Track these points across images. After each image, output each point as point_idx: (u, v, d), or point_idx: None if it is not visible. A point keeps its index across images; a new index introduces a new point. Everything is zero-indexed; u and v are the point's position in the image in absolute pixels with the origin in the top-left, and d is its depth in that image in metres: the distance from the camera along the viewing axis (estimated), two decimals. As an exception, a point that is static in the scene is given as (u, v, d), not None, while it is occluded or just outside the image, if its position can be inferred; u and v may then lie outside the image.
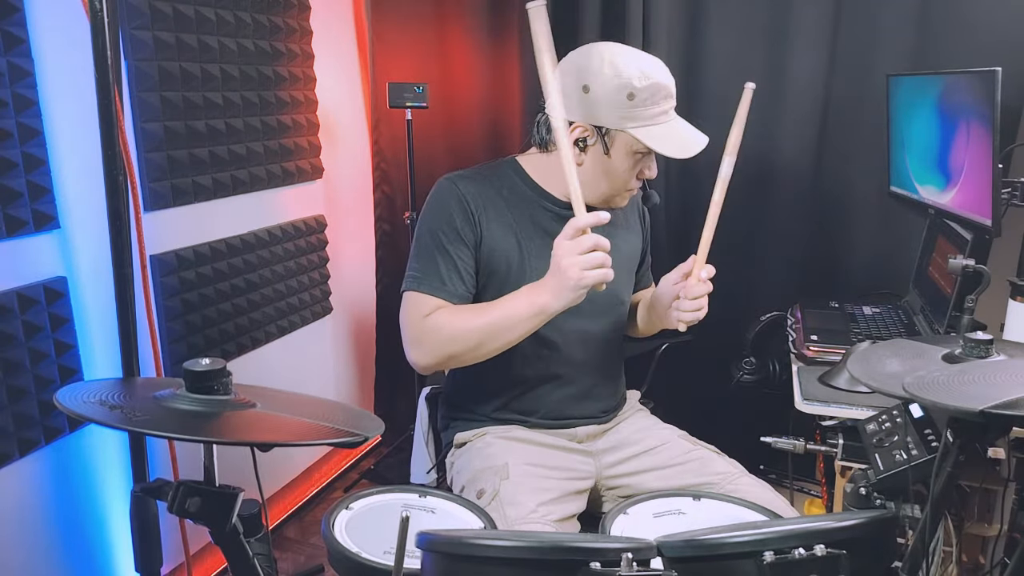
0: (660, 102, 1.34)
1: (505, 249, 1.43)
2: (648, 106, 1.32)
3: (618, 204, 1.47)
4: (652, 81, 1.32)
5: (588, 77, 1.33)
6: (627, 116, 1.33)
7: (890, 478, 1.07)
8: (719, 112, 2.26)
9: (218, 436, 0.95)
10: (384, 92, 2.44)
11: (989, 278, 1.51)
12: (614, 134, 1.35)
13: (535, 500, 1.31)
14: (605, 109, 1.33)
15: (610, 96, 1.31)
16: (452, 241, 1.39)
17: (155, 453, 1.73)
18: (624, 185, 1.42)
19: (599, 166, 1.38)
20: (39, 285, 1.59)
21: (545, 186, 1.47)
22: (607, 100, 1.32)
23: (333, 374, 2.71)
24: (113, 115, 1.37)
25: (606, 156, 1.37)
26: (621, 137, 1.35)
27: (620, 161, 1.37)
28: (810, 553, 0.79)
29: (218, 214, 2.09)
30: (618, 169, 1.38)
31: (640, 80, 1.31)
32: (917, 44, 2.03)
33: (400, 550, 0.84)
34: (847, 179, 2.20)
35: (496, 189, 1.45)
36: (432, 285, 1.38)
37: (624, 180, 1.41)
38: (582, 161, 1.38)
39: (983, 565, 1.63)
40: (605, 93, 1.32)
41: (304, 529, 2.42)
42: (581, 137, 1.36)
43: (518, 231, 1.44)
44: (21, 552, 1.62)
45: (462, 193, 1.42)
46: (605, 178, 1.40)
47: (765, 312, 2.13)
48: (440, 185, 1.45)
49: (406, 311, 1.41)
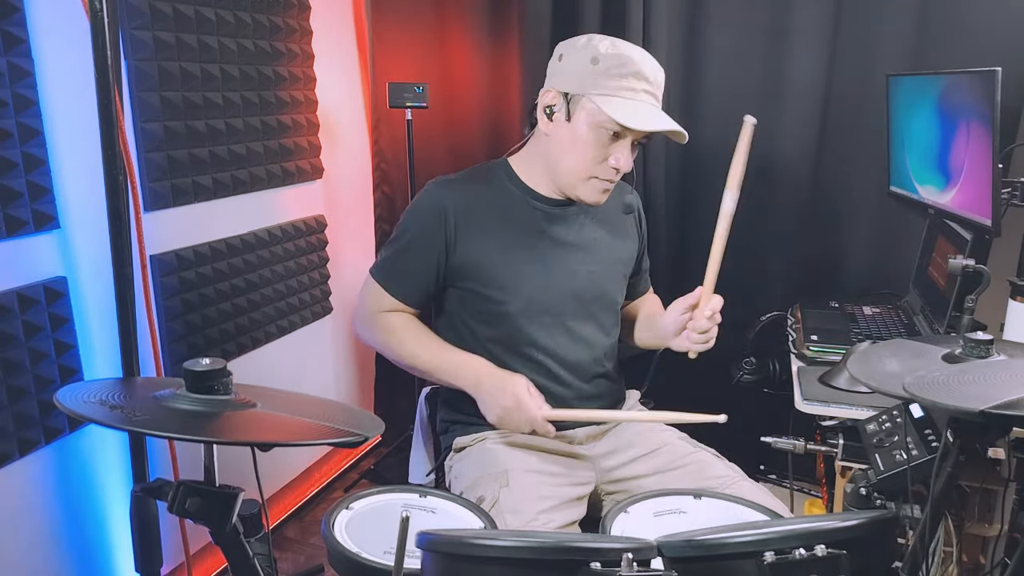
0: (628, 77, 1.34)
1: (487, 253, 1.45)
2: (613, 77, 1.34)
3: (589, 196, 1.44)
4: (620, 52, 1.35)
5: (565, 48, 1.41)
6: (590, 82, 1.35)
7: (890, 478, 1.07)
8: (719, 112, 2.27)
9: (218, 436, 0.95)
10: (384, 92, 2.44)
11: (989, 278, 1.51)
12: (577, 99, 1.37)
13: (535, 508, 1.31)
14: (570, 74, 1.38)
15: (576, 61, 1.37)
16: (417, 247, 1.46)
17: (155, 453, 1.73)
18: (589, 166, 1.39)
19: (565, 138, 1.40)
20: (39, 285, 1.59)
21: (532, 184, 1.49)
22: (573, 65, 1.37)
23: (333, 374, 2.71)
24: (113, 115, 1.37)
25: (567, 122, 1.38)
26: (583, 103, 1.36)
27: (583, 131, 1.37)
28: (810, 553, 0.79)
29: (218, 214, 2.09)
30: (582, 142, 1.37)
31: (608, 49, 1.35)
32: (917, 44, 2.03)
33: (400, 550, 0.84)
34: (847, 179, 2.20)
35: (483, 191, 1.48)
36: (390, 281, 1.49)
37: (589, 158, 1.38)
38: (549, 131, 1.42)
39: (983, 565, 1.63)
40: (573, 58, 1.38)
41: (304, 529, 2.42)
42: (550, 104, 1.40)
43: (504, 234, 1.46)
44: (21, 552, 1.62)
45: (444, 201, 1.45)
46: (572, 152, 1.40)
47: (765, 312, 2.13)
48: (426, 189, 1.49)
49: (364, 292, 1.53)
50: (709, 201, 2.34)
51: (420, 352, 1.47)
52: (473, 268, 1.45)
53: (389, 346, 1.49)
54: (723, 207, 1.38)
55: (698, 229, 2.40)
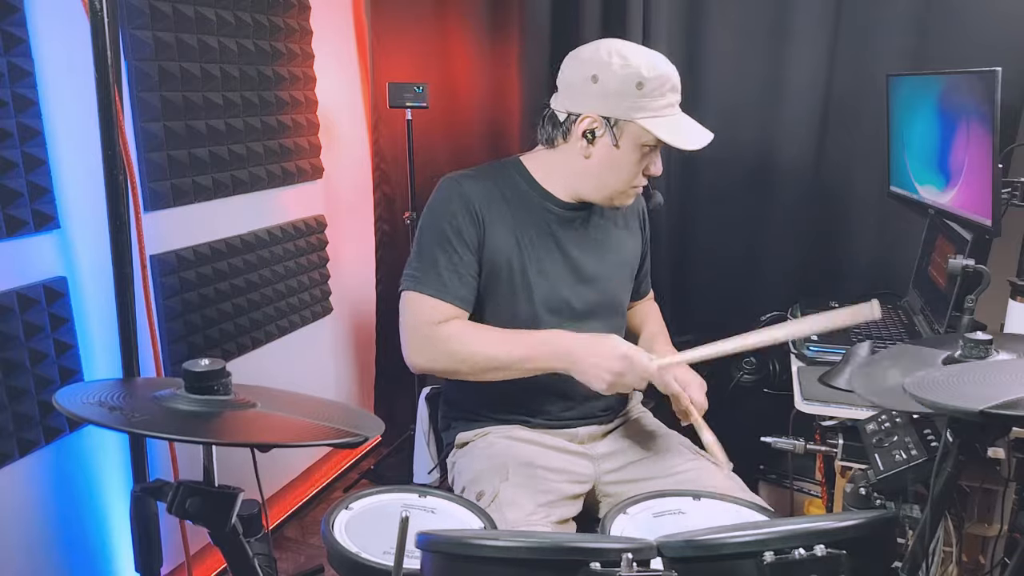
0: (667, 94, 1.35)
1: (506, 250, 1.43)
2: (656, 97, 1.34)
3: (623, 202, 1.46)
4: (660, 72, 1.34)
5: (596, 68, 1.34)
6: (636, 106, 1.33)
7: (890, 478, 1.07)
8: (719, 112, 2.27)
9: (218, 436, 0.95)
10: (384, 92, 2.44)
11: (989, 278, 1.50)
12: (623, 125, 1.35)
13: (534, 502, 1.31)
14: (614, 99, 1.34)
15: (619, 85, 1.33)
16: (454, 241, 1.39)
17: (155, 453, 1.73)
18: (630, 181, 1.42)
19: (607, 159, 1.39)
20: (39, 285, 1.59)
21: (547, 186, 1.47)
22: (616, 90, 1.33)
23: (333, 374, 2.71)
24: (113, 115, 1.37)
25: (615, 148, 1.37)
26: (630, 128, 1.35)
27: (628, 154, 1.37)
28: (810, 553, 0.79)
29: (218, 214, 2.09)
30: (626, 162, 1.38)
31: (649, 70, 1.33)
32: (917, 44, 2.03)
33: (400, 550, 0.84)
34: (847, 179, 2.20)
35: (499, 189, 1.45)
36: (433, 287, 1.38)
37: (631, 175, 1.41)
38: (590, 154, 1.39)
39: (983, 565, 1.63)
40: (614, 83, 1.33)
41: (304, 529, 2.42)
42: (590, 128, 1.37)
43: (519, 232, 1.44)
44: (21, 552, 1.62)
45: (466, 192, 1.41)
46: (612, 172, 1.40)
47: (765, 312, 2.13)
48: (444, 184, 1.45)
49: (409, 312, 1.40)
50: (709, 201, 2.37)
51: (493, 348, 1.36)
52: (495, 264, 1.42)
53: (461, 357, 1.37)
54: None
55: (698, 230, 2.40)
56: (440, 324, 1.37)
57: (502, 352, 1.36)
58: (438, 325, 1.37)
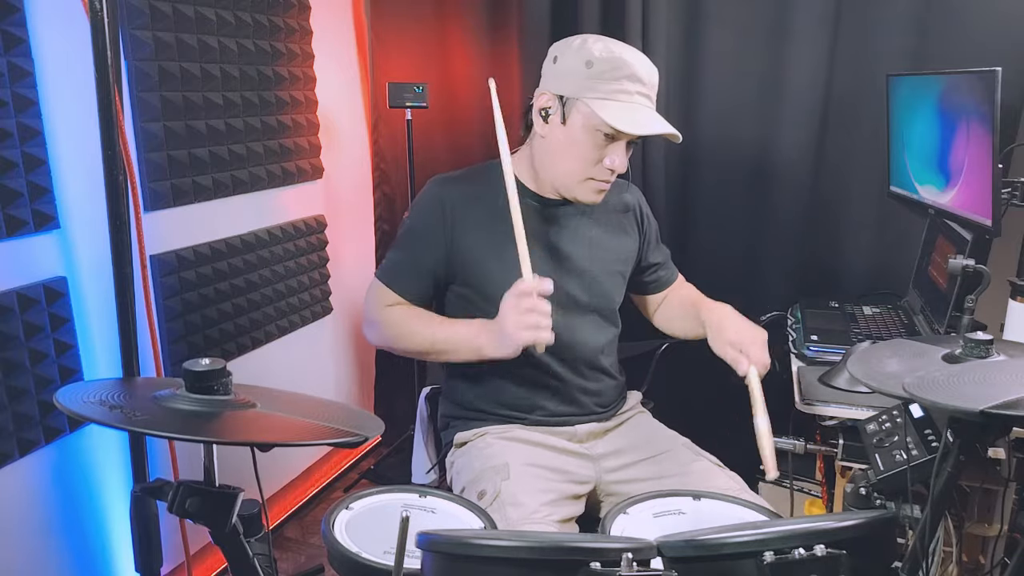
0: (622, 80, 1.35)
1: (483, 250, 1.46)
2: (607, 80, 1.34)
3: (586, 197, 1.45)
4: (614, 55, 1.35)
5: (559, 50, 1.41)
6: (585, 86, 1.36)
7: (890, 478, 1.07)
8: (719, 112, 2.27)
9: (218, 436, 0.95)
10: (384, 92, 2.45)
11: (989, 278, 1.51)
12: (572, 103, 1.38)
13: (537, 500, 1.31)
14: (565, 77, 1.39)
15: (571, 64, 1.37)
16: (418, 243, 1.48)
17: (155, 453, 1.73)
18: (585, 170, 1.41)
19: (560, 141, 1.41)
20: (39, 285, 1.59)
21: (528, 184, 1.51)
22: (568, 68, 1.38)
23: (333, 374, 2.71)
24: (113, 115, 1.37)
25: (563, 125, 1.40)
26: (578, 107, 1.37)
27: (579, 135, 1.38)
28: (810, 553, 0.79)
29: (218, 214, 2.09)
30: (578, 146, 1.39)
31: (602, 52, 1.35)
32: (917, 44, 2.03)
33: (400, 550, 0.84)
34: (847, 179, 2.20)
35: (481, 189, 1.49)
36: (393, 279, 1.50)
37: (584, 161, 1.40)
38: (546, 134, 1.43)
39: (983, 565, 1.63)
40: (568, 62, 1.38)
41: (304, 529, 2.42)
42: (544, 107, 1.41)
43: (500, 233, 1.44)
44: (21, 552, 1.62)
45: (442, 195, 1.48)
46: (566, 156, 1.41)
47: (765, 312, 2.13)
48: (426, 187, 1.52)
49: (369, 293, 1.54)
50: (709, 201, 2.37)
51: (425, 328, 1.46)
52: (470, 265, 1.47)
53: (393, 337, 1.49)
54: None
55: (698, 230, 2.40)
56: (387, 307, 1.50)
57: (429, 333, 1.45)
58: (385, 308, 1.50)
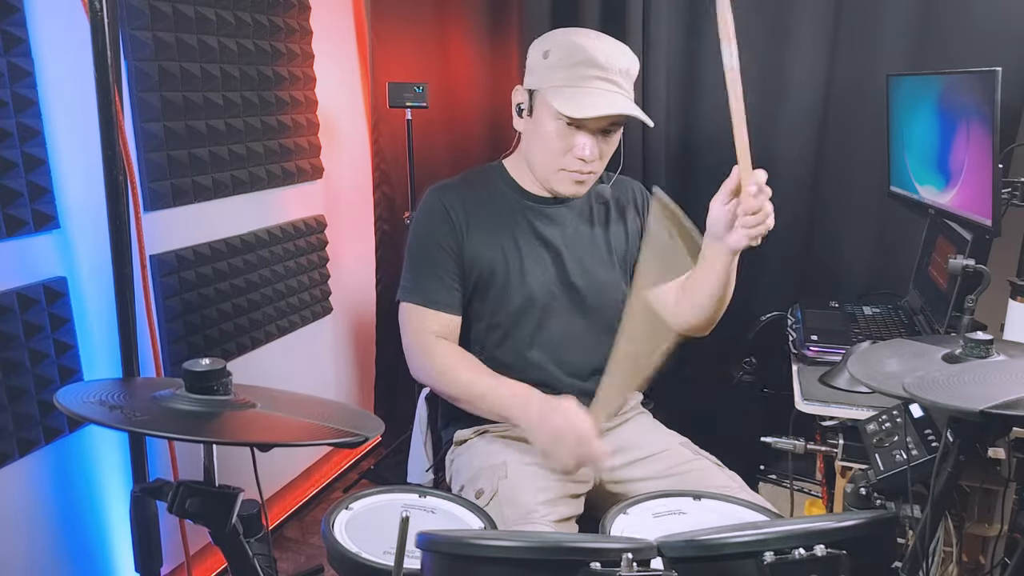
0: (576, 67, 1.35)
1: (489, 256, 1.46)
2: (562, 67, 1.36)
3: (561, 189, 1.45)
4: (568, 41, 1.37)
5: (532, 45, 1.44)
6: (544, 77, 1.39)
7: (890, 478, 1.07)
8: (719, 112, 2.26)
9: (218, 436, 0.95)
10: (384, 92, 2.44)
11: (989, 278, 1.50)
12: (536, 95, 1.41)
13: (535, 500, 1.31)
14: (531, 71, 1.43)
15: (534, 57, 1.41)
16: (437, 252, 1.46)
17: (155, 453, 1.73)
18: (555, 160, 1.41)
19: (532, 133, 1.44)
20: (39, 285, 1.59)
21: (524, 185, 1.52)
22: (532, 61, 1.44)
23: (333, 374, 2.71)
24: (113, 115, 1.37)
25: (530, 117, 1.42)
26: (539, 97, 1.40)
27: (544, 125, 1.39)
28: (810, 553, 0.80)
29: (218, 214, 2.09)
30: (545, 135, 1.40)
31: (559, 43, 1.38)
32: (917, 44, 2.03)
33: (400, 550, 0.84)
34: (847, 179, 2.20)
35: (479, 193, 1.50)
36: (425, 298, 1.45)
37: (553, 151, 1.40)
38: (521, 128, 1.46)
39: (983, 565, 1.63)
40: (532, 55, 1.42)
41: (304, 529, 2.42)
42: (519, 102, 1.45)
43: (504, 237, 1.47)
44: (21, 552, 1.62)
45: (445, 202, 1.48)
46: (538, 147, 1.43)
47: (765, 312, 2.13)
48: (426, 196, 1.51)
49: (406, 323, 1.48)
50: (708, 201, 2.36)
51: (474, 384, 1.42)
52: (475, 269, 1.47)
53: (445, 382, 1.44)
54: (724, 62, 1.18)
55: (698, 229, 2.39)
56: (434, 339, 1.44)
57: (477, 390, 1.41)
58: (431, 339, 1.44)
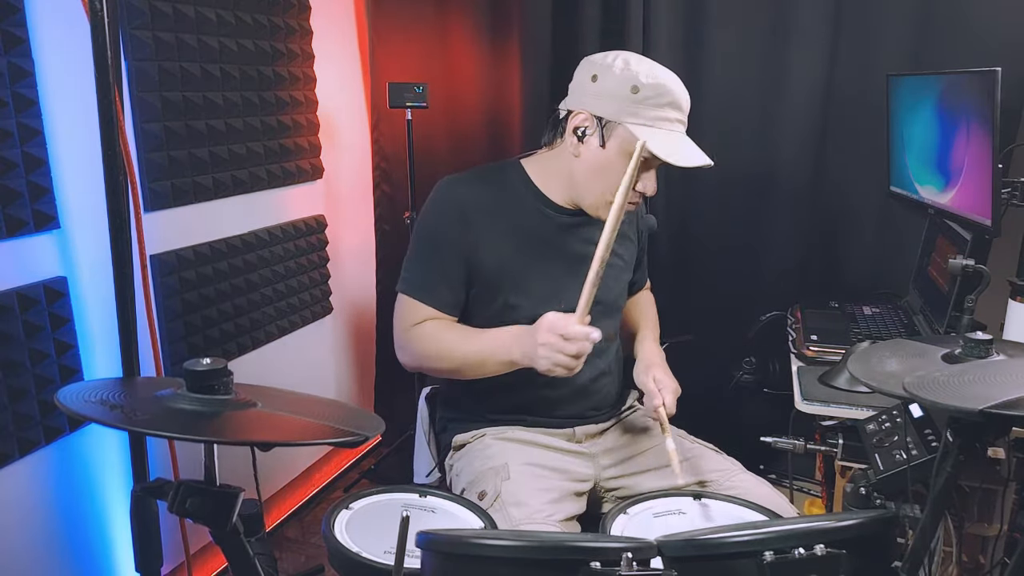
0: (665, 108, 1.32)
1: (500, 255, 1.43)
2: (651, 107, 1.32)
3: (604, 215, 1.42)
4: (659, 82, 1.31)
5: (599, 68, 1.35)
6: (628, 110, 1.32)
7: (890, 478, 1.07)
8: (719, 112, 2.27)
9: (219, 436, 0.95)
10: (384, 92, 2.44)
11: (989, 278, 1.51)
12: (612, 126, 1.34)
13: (538, 500, 1.31)
14: (607, 99, 1.33)
15: (615, 86, 1.32)
16: (442, 246, 1.42)
17: (155, 453, 1.73)
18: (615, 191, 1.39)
19: (595, 162, 1.37)
20: (39, 285, 1.59)
21: (546, 191, 1.47)
22: (611, 90, 1.32)
23: (333, 374, 2.71)
24: (113, 115, 1.37)
25: (602, 149, 1.35)
26: (619, 131, 1.33)
27: (615, 159, 1.34)
28: (810, 553, 0.80)
29: (218, 214, 2.09)
30: (614, 168, 1.34)
31: (647, 77, 1.31)
32: (917, 44, 2.03)
33: (400, 550, 0.84)
34: (847, 179, 2.20)
35: (496, 193, 1.45)
36: (421, 292, 1.43)
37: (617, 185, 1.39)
38: (579, 153, 1.38)
39: (983, 565, 1.63)
40: (611, 83, 1.33)
41: (304, 529, 2.42)
42: (581, 126, 1.36)
43: (516, 236, 1.44)
44: (21, 552, 1.62)
45: (459, 197, 1.43)
46: (600, 177, 1.38)
47: (765, 312, 2.13)
48: (438, 188, 1.46)
49: (398, 313, 1.47)
50: (709, 201, 2.37)
51: (460, 346, 1.40)
52: (488, 270, 1.43)
53: (430, 354, 1.42)
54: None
55: (698, 229, 2.40)
56: (416, 325, 1.43)
57: (464, 349, 1.40)
58: (414, 326, 1.43)
